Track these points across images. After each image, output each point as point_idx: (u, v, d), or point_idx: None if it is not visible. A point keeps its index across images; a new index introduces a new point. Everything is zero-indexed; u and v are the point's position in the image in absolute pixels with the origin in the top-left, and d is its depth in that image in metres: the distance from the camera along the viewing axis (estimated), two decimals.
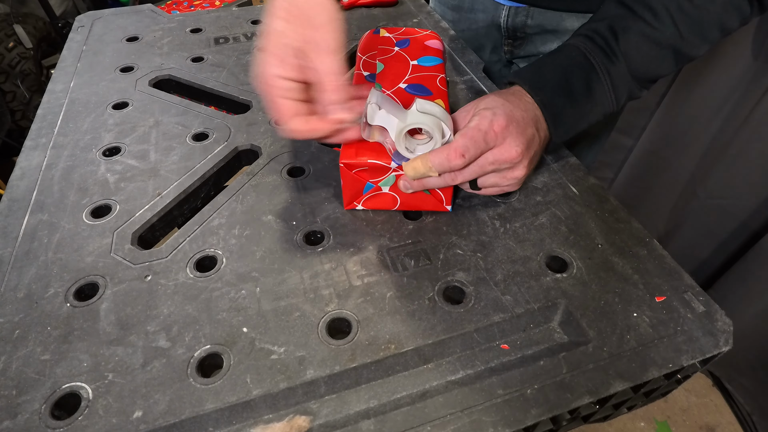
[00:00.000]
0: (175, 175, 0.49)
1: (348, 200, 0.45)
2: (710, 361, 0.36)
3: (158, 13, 0.80)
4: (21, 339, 0.35)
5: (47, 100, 0.59)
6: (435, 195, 0.44)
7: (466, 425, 0.31)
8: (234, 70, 0.65)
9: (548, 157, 0.51)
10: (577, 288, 0.39)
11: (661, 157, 1.18)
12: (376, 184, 0.43)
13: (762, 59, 0.91)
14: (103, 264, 0.41)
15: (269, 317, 0.37)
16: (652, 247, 0.42)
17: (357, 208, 0.46)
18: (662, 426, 1.17)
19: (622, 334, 0.36)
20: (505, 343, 0.36)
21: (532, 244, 0.42)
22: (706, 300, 0.38)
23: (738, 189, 1.03)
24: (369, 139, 0.42)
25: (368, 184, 0.43)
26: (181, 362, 0.34)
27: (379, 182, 0.43)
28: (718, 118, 1.03)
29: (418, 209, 0.45)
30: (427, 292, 0.39)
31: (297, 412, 0.32)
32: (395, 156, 0.42)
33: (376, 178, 0.43)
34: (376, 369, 0.34)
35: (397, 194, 0.44)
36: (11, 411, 0.31)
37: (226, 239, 0.43)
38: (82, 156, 0.52)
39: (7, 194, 0.47)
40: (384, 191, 0.44)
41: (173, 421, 0.31)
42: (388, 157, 0.42)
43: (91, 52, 0.69)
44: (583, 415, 0.36)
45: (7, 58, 1.65)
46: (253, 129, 0.55)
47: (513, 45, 0.71)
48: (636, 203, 1.28)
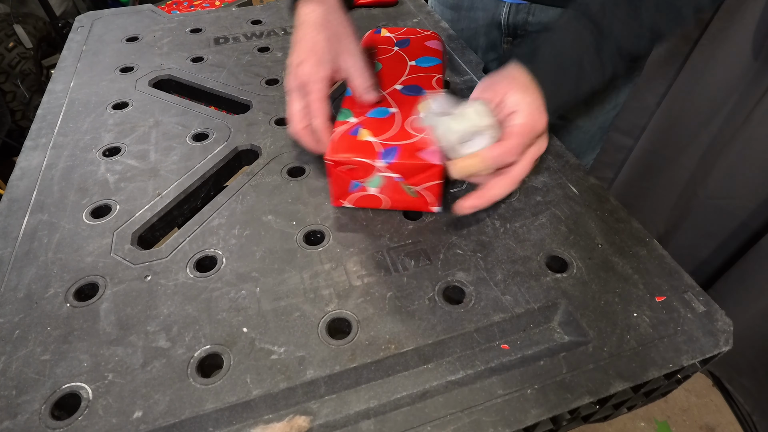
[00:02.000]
0: (175, 175, 0.49)
1: (335, 197, 0.45)
2: (710, 361, 0.36)
3: (158, 13, 0.80)
4: (21, 339, 0.35)
5: (47, 100, 0.59)
6: (421, 198, 0.44)
7: (466, 425, 0.31)
8: (234, 70, 0.65)
9: (548, 157, 0.51)
10: (577, 288, 0.39)
11: (661, 157, 1.18)
12: (362, 183, 0.43)
13: (762, 59, 0.91)
14: (103, 264, 0.41)
15: (269, 317, 0.37)
16: (652, 247, 0.42)
17: (345, 206, 0.46)
18: (662, 426, 1.17)
19: (622, 334, 0.36)
20: (505, 343, 0.36)
21: (532, 244, 0.42)
22: (707, 300, 0.38)
23: (738, 189, 1.03)
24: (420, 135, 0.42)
25: (354, 183, 0.43)
26: (181, 362, 0.34)
27: (365, 183, 0.43)
28: (718, 118, 1.03)
29: (406, 209, 0.45)
30: (427, 292, 0.39)
31: (297, 412, 0.32)
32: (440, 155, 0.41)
33: (362, 178, 0.43)
34: (376, 369, 0.34)
35: (385, 196, 0.44)
36: (11, 411, 0.31)
37: (226, 239, 0.43)
38: (82, 156, 0.52)
39: (7, 194, 0.47)
40: (370, 192, 0.44)
41: (173, 422, 0.31)
42: (375, 155, 0.42)
43: (91, 52, 0.69)
44: (583, 415, 0.36)
45: (7, 58, 1.65)
46: (253, 129, 0.55)
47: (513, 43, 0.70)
48: (636, 203, 1.28)
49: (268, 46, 0.70)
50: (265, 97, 0.60)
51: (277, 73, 0.64)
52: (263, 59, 0.67)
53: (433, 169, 0.41)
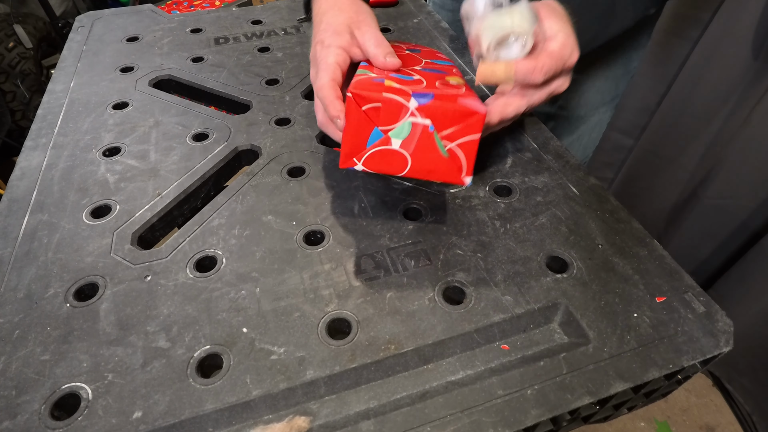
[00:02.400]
0: (175, 175, 0.49)
1: (347, 152, 0.37)
2: (711, 361, 0.36)
3: (158, 13, 0.80)
4: (21, 339, 0.35)
5: (47, 100, 0.59)
6: (453, 160, 0.37)
7: (466, 426, 0.31)
8: (234, 70, 0.65)
9: (548, 158, 0.51)
10: (578, 288, 0.39)
11: (661, 157, 1.18)
12: (386, 133, 0.37)
13: (762, 59, 0.91)
14: (103, 264, 0.41)
15: (269, 317, 0.37)
16: (653, 247, 0.42)
17: (356, 168, 0.38)
18: (662, 426, 1.17)
19: (622, 335, 0.36)
20: (505, 343, 0.36)
21: (532, 245, 0.42)
22: (707, 300, 0.38)
23: (738, 189, 1.03)
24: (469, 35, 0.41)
25: (376, 131, 0.37)
26: (181, 362, 0.34)
27: (391, 131, 0.36)
28: (718, 118, 1.03)
29: (430, 178, 0.39)
30: (427, 292, 0.39)
31: (297, 413, 0.32)
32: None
33: (387, 124, 0.36)
34: (376, 369, 0.34)
35: (410, 153, 0.37)
36: (11, 411, 0.31)
37: (226, 239, 0.43)
38: (82, 156, 0.51)
39: (7, 194, 0.47)
40: (393, 146, 0.37)
41: (173, 422, 0.31)
42: (407, 95, 0.36)
43: (91, 52, 0.69)
44: (584, 415, 0.36)
45: (7, 58, 1.65)
46: (253, 129, 0.55)
47: None
48: (636, 203, 1.28)
49: (268, 46, 0.70)
50: (265, 97, 0.60)
51: (277, 73, 0.64)
52: (263, 59, 0.67)
53: (474, 117, 0.36)
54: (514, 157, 0.51)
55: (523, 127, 0.55)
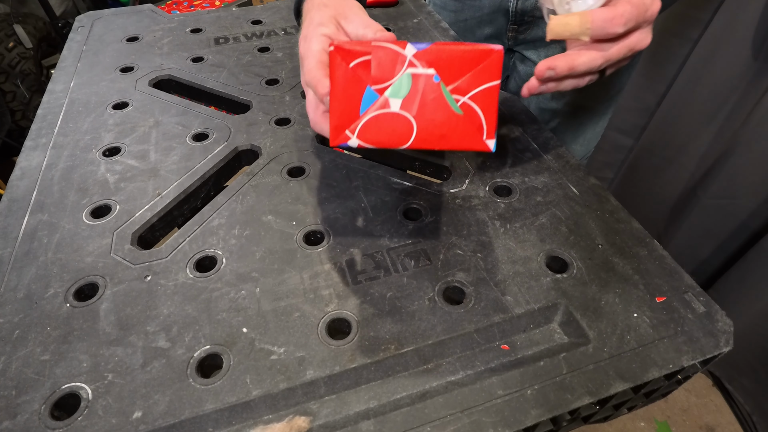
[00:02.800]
0: (175, 175, 0.49)
1: (337, 124, 0.31)
2: (711, 361, 0.36)
3: (158, 13, 0.80)
4: (21, 339, 0.35)
5: (47, 100, 0.59)
6: (471, 117, 0.30)
7: (466, 426, 0.31)
8: (234, 70, 0.65)
9: (548, 158, 0.51)
10: (578, 288, 0.39)
11: (661, 157, 1.18)
12: (381, 92, 0.30)
13: (762, 59, 0.91)
14: (103, 264, 0.41)
15: (269, 317, 0.37)
16: (653, 247, 0.42)
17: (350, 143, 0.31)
18: (662, 426, 1.17)
19: (622, 335, 0.36)
20: (505, 343, 0.36)
21: (532, 245, 0.42)
22: (707, 300, 0.38)
23: (738, 189, 1.03)
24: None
25: (369, 92, 0.30)
26: (181, 362, 0.34)
27: (387, 89, 0.30)
28: (718, 118, 1.03)
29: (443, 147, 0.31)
30: (427, 292, 0.39)
31: (297, 413, 0.32)
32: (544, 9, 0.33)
33: (382, 81, 0.30)
34: (376, 369, 0.34)
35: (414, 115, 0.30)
36: (11, 411, 0.31)
37: (226, 239, 0.43)
38: (82, 156, 0.51)
39: (7, 194, 0.47)
40: (393, 109, 0.30)
41: (173, 422, 0.31)
42: (402, 44, 0.29)
43: (91, 52, 0.69)
44: (584, 415, 0.36)
45: (7, 58, 1.65)
46: (253, 129, 0.55)
47: (518, 30, 0.70)
48: (636, 203, 1.28)
49: (268, 46, 0.70)
50: (265, 97, 0.60)
51: (277, 73, 0.64)
52: (263, 59, 0.67)
53: (490, 56, 0.29)
54: (514, 157, 0.51)
55: (524, 127, 0.55)
